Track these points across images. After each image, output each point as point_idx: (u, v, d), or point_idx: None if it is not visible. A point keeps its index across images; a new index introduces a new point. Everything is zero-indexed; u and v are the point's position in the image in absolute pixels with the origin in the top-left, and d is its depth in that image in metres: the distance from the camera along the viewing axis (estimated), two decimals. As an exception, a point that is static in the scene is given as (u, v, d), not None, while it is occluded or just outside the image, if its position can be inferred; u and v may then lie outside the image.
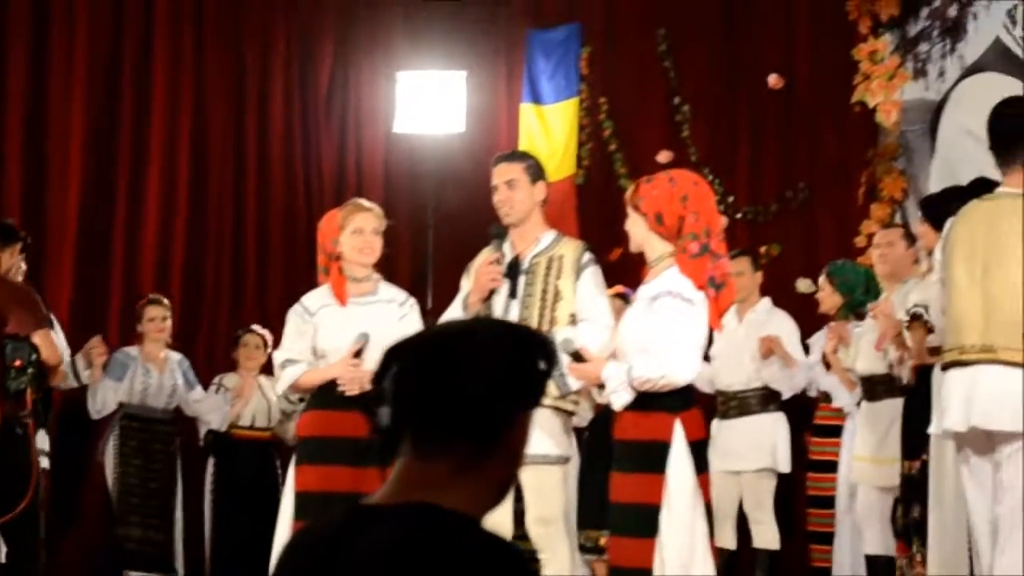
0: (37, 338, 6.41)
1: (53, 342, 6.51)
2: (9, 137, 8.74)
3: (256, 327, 8.54)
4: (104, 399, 8.02)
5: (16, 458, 6.52)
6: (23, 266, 6.99)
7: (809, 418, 7.80)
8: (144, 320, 8.22)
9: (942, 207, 5.62)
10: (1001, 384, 4.86)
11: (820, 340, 7.72)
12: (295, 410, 8.24)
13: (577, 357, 4.99)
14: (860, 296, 7.49)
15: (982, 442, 5.00)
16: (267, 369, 8.42)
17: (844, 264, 7.66)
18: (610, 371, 4.89)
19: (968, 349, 4.94)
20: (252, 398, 8.34)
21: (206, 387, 8.42)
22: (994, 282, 4.89)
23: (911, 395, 6.22)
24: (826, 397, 7.58)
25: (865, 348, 6.89)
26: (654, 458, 4.84)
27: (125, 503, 7.96)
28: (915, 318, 6.01)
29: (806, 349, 7.77)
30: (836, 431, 7.53)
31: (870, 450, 6.92)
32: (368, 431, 5.43)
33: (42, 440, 7.45)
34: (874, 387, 6.96)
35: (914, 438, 6.02)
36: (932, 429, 5.32)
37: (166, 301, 8.30)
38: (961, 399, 4.95)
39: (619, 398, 4.87)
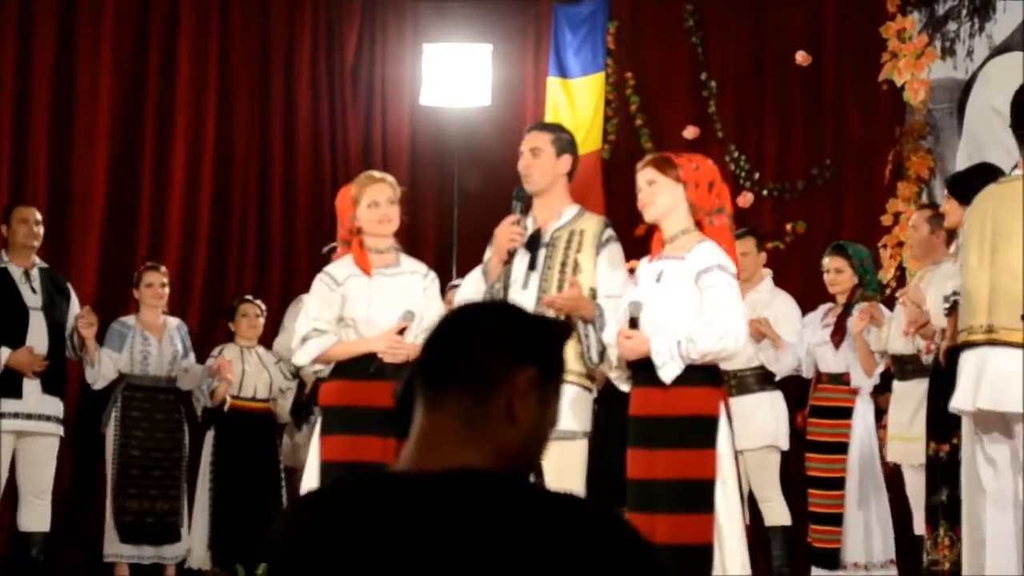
0: None
1: None
2: (36, 115, 8.70)
3: (249, 296, 8.46)
4: (102, 370, 7.81)
5: None
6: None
7: (802, 397, 7.78)
8: (142, 286, 8.07)
9: (971, 184, 5.60)
10: (1007, 366, 4.88)
11: (815, 320, 7.69)
12: (291, 387, 8.24)
13: (634, 324, 5.00)
14: (871, 276, 7.50)
15: (998, 422, 5.01)
16: (264, 341, 8.44)
17: (855, 245, 7.65)
18: (659, 344, 4.90)
19: (976, 330, 4.97)
20: (252, 369, 8.18)
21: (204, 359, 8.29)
22: (998, 264, 4.92)
23: (938, 377, 6.20)
24: (829, 378, 7.52)
25: (897, 328, 6.89)
26: (705, 433, 4.87)
27: (124, 475, 7.82)
28: (955, 306, 5.98)
29: None
30: (836, 412, 7.49)
31: (901, 429, 6.93)
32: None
33: (56, 407, 7.48)
34: (904, 366, 6.96)
35: (942, 420, 5.99)
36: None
37: (164, 268, 8.20)
38: (969, 380, 4.98)
39: (669, 371, 4.89)
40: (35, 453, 7.42)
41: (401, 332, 5.61)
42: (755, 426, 7.48)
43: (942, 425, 6.03)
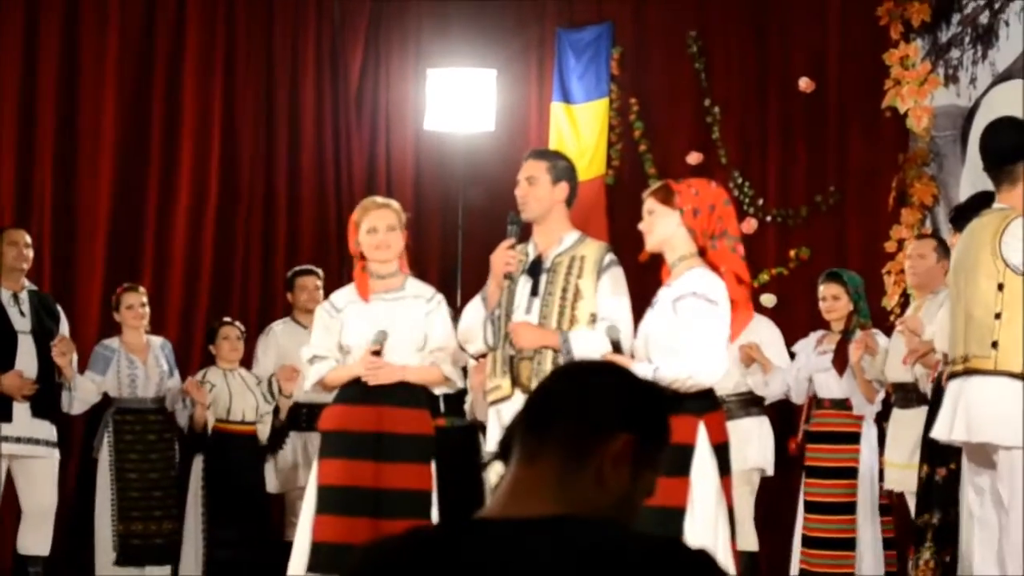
0: None
1: None
2: (40, 136, 8.68)
3: (228, 319, 8.38)
4: (80, 394, 7.70)
5: None
6: None
7: (791, 423, 7.76)
8: (121, 308, 7.97)
9: (967, 215, 5.64)
10: (979, 394, 4.92)
11: (807, 347, 7.68)
12: (269, 411, 8.23)
13: (616, 348, 5.00)
14: (863, 303, 7.50)
15: (982, 451, 5.03)
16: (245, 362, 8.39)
17: (849, 272, 7.65)
18: (638, 371, 4.89)
19: (958, 360, 5.02)
20: (238, 392, 8.11)
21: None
22: (970, 295, 4.98)
23: (937, 404, 6.21)
24: (831, 403, 7.50)
25: (895, 356, 6.88)
26: (678, 461, 4.84)
27: (125, 499, 7.78)
28: None
29: (793, 356, 7.75)
30: (840, 437, 7.47)
31: (902, 457, 6.91)
32: (389, 426, 5.57)
33: (47, 431, 7.45)
34: (906, 395, 6.94)
35: (941, 445, 6.01)
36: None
37: (142, 288, 8.13)
38: (947, 410, 5.03)
39: None
40: (31, 477, 7.40)
41: (377, 354, 5.68)
42: (736, 451, 7.46)
43: (941, 449, 6.03)
